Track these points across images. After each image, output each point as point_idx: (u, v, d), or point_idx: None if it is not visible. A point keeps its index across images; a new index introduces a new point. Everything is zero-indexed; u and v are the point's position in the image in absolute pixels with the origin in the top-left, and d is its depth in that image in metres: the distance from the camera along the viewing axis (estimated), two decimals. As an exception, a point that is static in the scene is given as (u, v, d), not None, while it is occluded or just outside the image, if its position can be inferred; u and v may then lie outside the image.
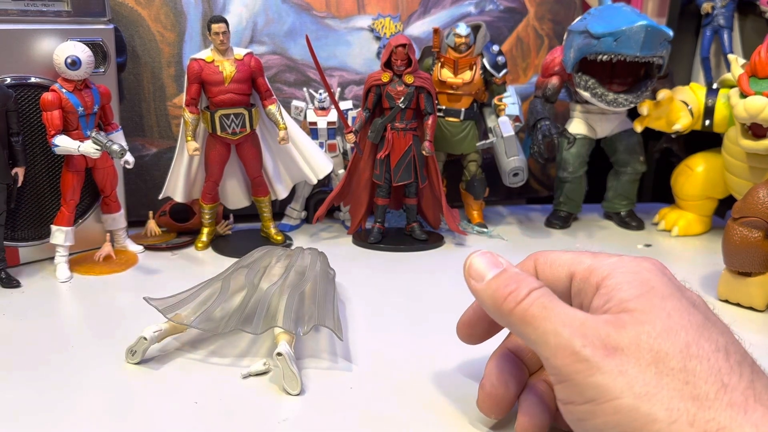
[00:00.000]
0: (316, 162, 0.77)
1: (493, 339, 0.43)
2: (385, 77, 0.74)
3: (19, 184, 0.65)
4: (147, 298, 0.49)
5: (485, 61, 0.80)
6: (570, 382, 0.32)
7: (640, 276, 0.34)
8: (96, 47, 0.68)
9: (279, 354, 0.45)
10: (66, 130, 0.65)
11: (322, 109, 0.81)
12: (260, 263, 0.56)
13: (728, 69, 0.76)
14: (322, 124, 0.81)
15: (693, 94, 0.80)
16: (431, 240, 0.79)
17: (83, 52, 0.64)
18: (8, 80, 0.64)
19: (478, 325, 0.42)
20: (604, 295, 0.34)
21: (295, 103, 0.82)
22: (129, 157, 0.66)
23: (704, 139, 0.83)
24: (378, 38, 0.88)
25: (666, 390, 0.30)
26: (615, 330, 0.32)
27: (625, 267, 0.35)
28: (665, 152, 0.93)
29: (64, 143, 0.64)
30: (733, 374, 0.30)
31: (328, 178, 0.82)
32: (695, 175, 0.82)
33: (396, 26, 0.89)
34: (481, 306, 0.38)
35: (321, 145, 0.81)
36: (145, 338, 0.48)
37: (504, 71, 0.82)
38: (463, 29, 0.78)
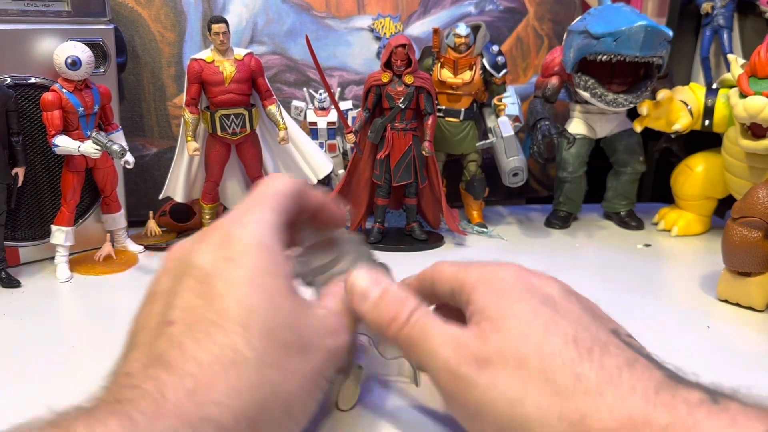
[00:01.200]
0: (316, 162, 0.77)
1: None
2: (385, 77, 0.74)
3: (20, 184, 0.65)
4: None
5: (485, 61, 0.81)
6: (454, 401, 0.34)
7: (494, 285, 0.36)
8: (96, 47, 0.68)
9: (360, 367, 0.43)
10: (66, 131, 0.65)
11: (322, 109, 0.81)
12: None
13: (728, 69, 0.76)
14: (322, 124, 0.81)
15: (693, 94, 0.80)
16: (431, 240, 0.79)
17: (83, 52, 0.64)
18: (8, 80, 0.64)
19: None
20: (472, 308, 0.36)
21: (295, 103, 0.82)
22: (129, 157, 0.66)
23: (704, 139, 0.83)
24: (378, 38, 0.88)
25: (533, 391, 0.31)
26: (481, 342, 0.33)
27: (485, 277, 0.37)
28: (665, 152, 0.94)
29: (64, 143, 0.64)
30: (584, 362, 0.31)
31: (328, 178, 0.82)
32: (695, 175, 0.82)
33: (396, 26, 0.89)
34: (367, 327, 0.39)
35: (321, 145, 0.81)
36: None
37: (504, 71, 0.82)
38: (462, 29, 0.78)
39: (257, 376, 0.31)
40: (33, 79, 0.66)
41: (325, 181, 0.84)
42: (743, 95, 0.67)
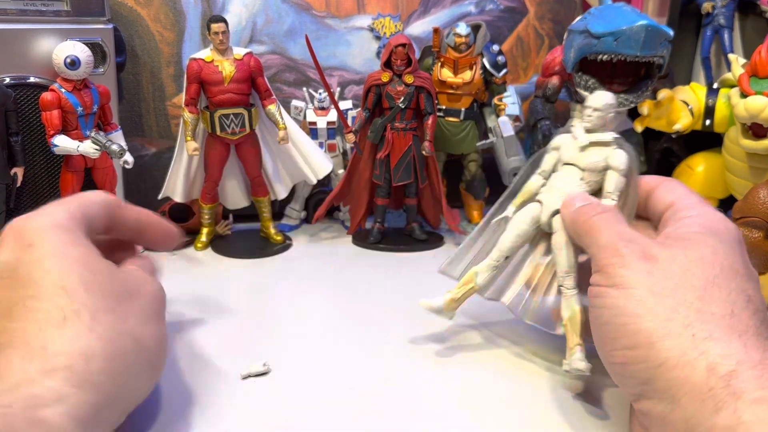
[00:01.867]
0: (316, 162, 0.77)
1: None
2: (385, 77, 0.74)
3: (19, 184, 0.65)
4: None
5: (485, 61, 0.80)
6: (603, 270, 0.38)
7: (711, 225, 0.39)
8: (95, 47, 0.68)
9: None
10: (65, 130, 0.65)
11: (322, 109, 0.81)
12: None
13: (729, 69, 0.76)
14: (321, 124, 0.81)
15: (693, 93, 0.80)
16: (431, 240, 0.79)
17: (82, 52, 0.64)
18: (7, 80, 0.64)
19: None
20: (672, 228, 0.40)
21: (294, 103, 0.82)
22: (128, 157, 0.66)
23: (704, 139, 0.83)
24: (378, 38, 0.88)
25: (678, 299, 0.34)
26: (658, 246, 0.38)
27: (704, 218, 0.40)
28: (666, 152, 0.93)
29: (63, 143, 0.64)
30: (746, 311, 0.34)
31: (327, 178, 0.82)
32: (695, 175, 0.82)
33: (396, 26, 0.89)
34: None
35: (321, 145, 0.81)
36: None
37: (504, 71, 0.82)
38: (463, 29, 0.78)
39: (92, 320, 0.33)
40: (32, 79, 0.66)
41: (325, 181, 0.84)
42: (744, 95, 0.67)
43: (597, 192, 0.47)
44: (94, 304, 0.34)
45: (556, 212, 0.47)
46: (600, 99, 0.48)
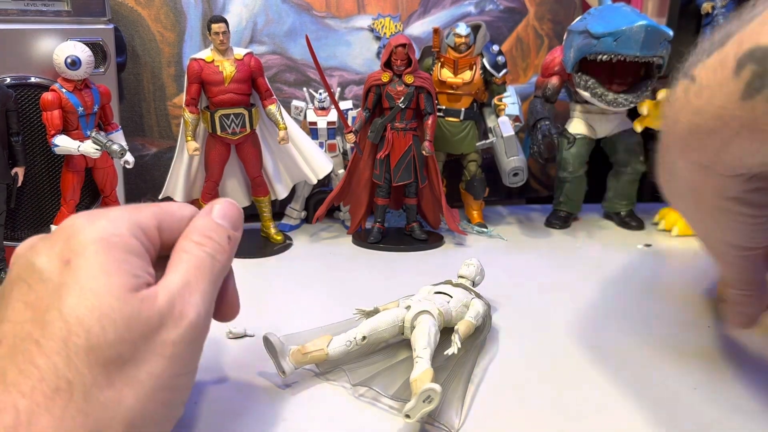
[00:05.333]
0: (316, 162, 0.77)
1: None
2: (385, 77, 0.74)
3: (19, 183, 0.65)
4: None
5: (485, 61, 0.80)
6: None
7: None
8: (96, 47, 0.68)
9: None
10: (66, 130, 0.65)
11: (322, 109, 0.81)
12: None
13: (728, 69, 0.76)
14: (322, 124, 0.81)
15: (693, 94, 0.80)
16: (431, 240, 0.79)
17: (83, 52, 0.64)
18: (8, 80, 0.64)
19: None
20: None
21: (295, 103, 0.82)
22: (129, 157, 0.66)
23: (704, 139, 0.83)
24: (378, 38, 0.88)
25: None
26: None
27: None
28: (665, 152, 0.93)
29: (63, 143, 0.64)
30: None
31: (328, 178, 0.82)
32: (695, 175, 0.82)
33: (396, 26, 0.89)
34: None
35: (321, 145, 0.81)
36: None
37: (504, 71, 0.82)
38: (463, 29, 0.78)
39: (84, 400, 0.28)
40: (33, 79, 0.66)
41: (326, 181, 0.84)
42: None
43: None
44: (92, 374, 0.29)
45: (421, 313, 0.48)
46: None
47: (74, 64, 0.63)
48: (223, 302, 0.40)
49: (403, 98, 0.74)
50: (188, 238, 0.36)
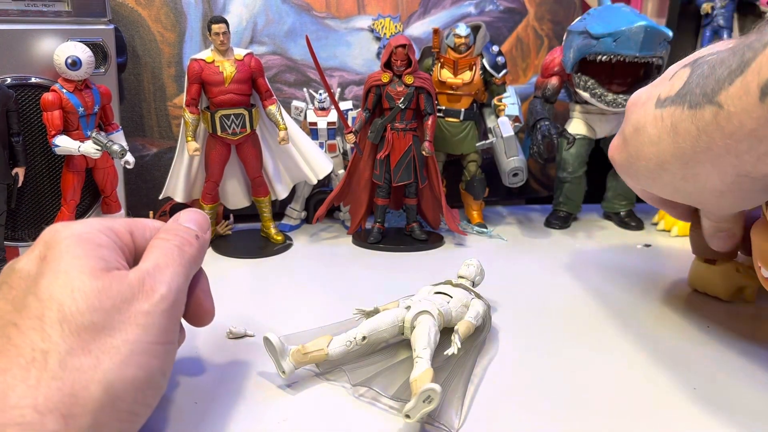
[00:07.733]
0: (316, 162, 0.77)
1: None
2: (385, 77, 0.74)
3: (20, 184, 0.65)
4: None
5: (485, 62, 0.81)
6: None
7: None
8: (96, 47, 0.68)
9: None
10: (66, 131, 0.65)
11: (322, 109, 0.81)
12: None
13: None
14: (322, 124, 0.81)
15: (692, 94, 0.80)
16: (431, 240, 0.79)
17: (83, 53, 0.64)
18: (8, 80, 0.64)
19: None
20: None
21: (295, 103, 0.82)
22: (129, 157, 0.67)
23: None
24: (378, 38, 0.88)
25: None
26: None
27: None
28: (665, 152, 0.93)
29: (64, 143, 0.64)
30: None
31: (328, 178, 0.83)
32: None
33: (396, 26, 0.89)
34: None
35: (321, 145, 0.81)
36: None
37: (504, 71, 0.82)
38: (462, 29, 0.78)
39: (60, 367, 0.30)
40: (33, 79, 0.66)
41: (326, 182, 0.84)
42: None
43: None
44: (67, 342, 0.31)
45: (421, 313, 0.48)
46: None
47: (75, 64, 0.63)
48: (195, 304, 0.42)
49: (403, 99, 0.74)
50: (158, 237, 0.40)
